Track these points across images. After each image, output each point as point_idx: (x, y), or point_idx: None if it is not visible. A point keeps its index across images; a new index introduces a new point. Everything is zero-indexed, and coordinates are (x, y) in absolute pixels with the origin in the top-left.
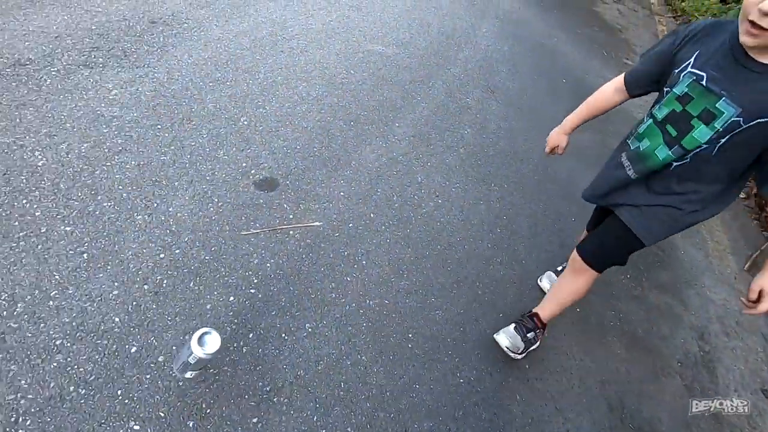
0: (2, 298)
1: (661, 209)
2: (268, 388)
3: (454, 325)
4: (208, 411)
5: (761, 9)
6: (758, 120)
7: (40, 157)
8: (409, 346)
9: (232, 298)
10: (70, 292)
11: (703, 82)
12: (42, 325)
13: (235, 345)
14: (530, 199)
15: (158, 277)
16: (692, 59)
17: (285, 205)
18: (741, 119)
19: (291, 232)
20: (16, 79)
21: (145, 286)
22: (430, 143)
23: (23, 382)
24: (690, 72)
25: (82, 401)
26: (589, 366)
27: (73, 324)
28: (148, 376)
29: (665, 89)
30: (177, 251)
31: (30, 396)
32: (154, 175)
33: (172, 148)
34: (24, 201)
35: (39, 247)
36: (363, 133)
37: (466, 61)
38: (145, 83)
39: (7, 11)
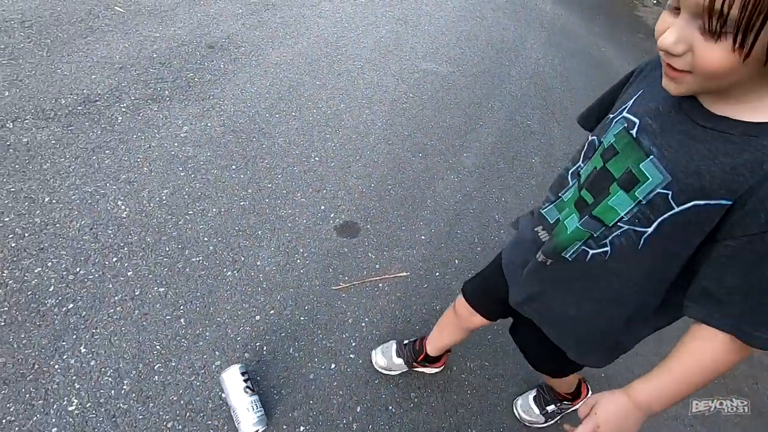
0: (108, 374)
1: (581, 324)
2: None
3: None
4: None
5: (659, 47)
6: (694, 202)
7: (123, 207)
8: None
9: (333, 366)
10: (173, 364)
11: (633, 132)
12: (151, 404)
13: (344, 421)
14: None
15: (257, 344)
16: (632, 101)
17: (369, 254)
18: (670, 193)
19: (380, 285)
20: (89, 117)
21: (246, 355)
22: (501, 175)
23: None
24: (623, 117)
25: None
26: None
27: (182, 402)
28: None
29: (593, 138)
30: (272, 312)
31: None
32: (236, 224)
33: (250, 191)
34: (114, 259)
35: (136, 312)
36: (433, 166)
37: (520, 78)
38: (213, 117)
39: (70, 40)
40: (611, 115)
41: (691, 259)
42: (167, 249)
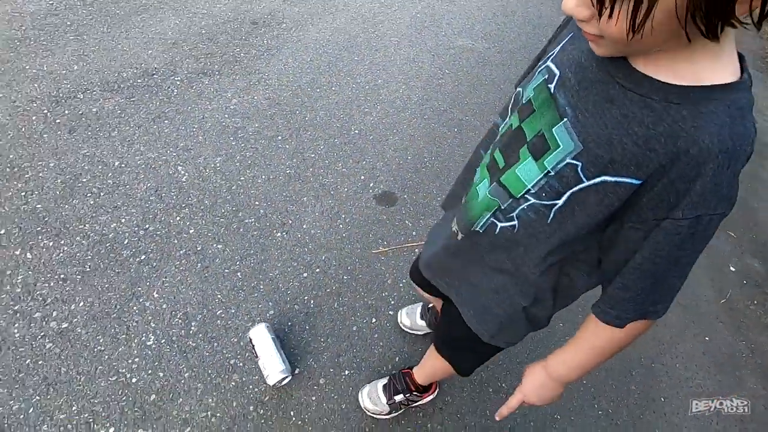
0: (178, 317)
1: (493, 298)
2: (420, 413)
3: None
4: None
5: (563, 10)
6: (603, 178)
7: (182, 172)
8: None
9: (374, 320)
10: (233, 311)
11: (551, 86)
12: (216, 344)
13: (385, 369)
14: None
15: (305, 297)
16: (559, 47)
17: (407, 221)
18: (580, 164)
19: (416, 250)
20: (148, 90)
21: (296, 307)
22: None
23: (210, 400)
24: (546, 67)
25: (262, 421)
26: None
27: (241, 344)
28: (314, 398)
29: (518, 90)
30: (317, 270)
31: (218, 414)
32: (283, 190)
33: (295, 161)
34: (177, 218)
35: (199, 265)
36: (468, 141)
37: None
38: (260, 91)
39: (127, 17)
40: (540, 63)
41: (599, 236)
42: (223, 210)
